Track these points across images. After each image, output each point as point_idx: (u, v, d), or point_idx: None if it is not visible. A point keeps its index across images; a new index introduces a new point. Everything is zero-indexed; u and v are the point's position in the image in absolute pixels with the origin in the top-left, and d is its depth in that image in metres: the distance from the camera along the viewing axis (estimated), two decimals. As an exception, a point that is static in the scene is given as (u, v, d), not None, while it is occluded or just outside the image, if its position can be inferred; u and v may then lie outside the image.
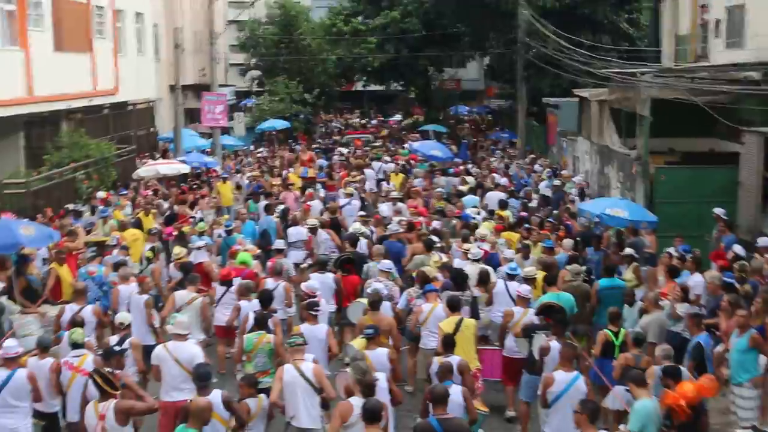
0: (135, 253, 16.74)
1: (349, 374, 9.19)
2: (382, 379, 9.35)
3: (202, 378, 8.98)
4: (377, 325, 10.67)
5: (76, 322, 11.09)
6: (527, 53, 35.34)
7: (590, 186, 24.91)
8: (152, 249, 16.03)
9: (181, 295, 12.91)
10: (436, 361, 10.02)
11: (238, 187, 26.12)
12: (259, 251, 16.52)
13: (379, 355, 10.18)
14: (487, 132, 46.35)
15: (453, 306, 11.72)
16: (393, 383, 9.60)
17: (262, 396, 9.37)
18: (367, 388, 8.67)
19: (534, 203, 22.12)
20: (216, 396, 8.86)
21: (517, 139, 38.17)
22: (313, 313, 11.29)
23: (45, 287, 14.62)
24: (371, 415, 7.98)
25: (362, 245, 16.44)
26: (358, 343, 10.36)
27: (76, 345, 10.27)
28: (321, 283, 13.42)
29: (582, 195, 23.02)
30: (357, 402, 8.59)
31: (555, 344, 10.46)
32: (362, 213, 19.70)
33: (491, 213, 19.64)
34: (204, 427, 8.19)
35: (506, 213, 19.38)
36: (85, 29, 27.21)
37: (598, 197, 22.38)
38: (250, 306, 12.21)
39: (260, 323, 11.08)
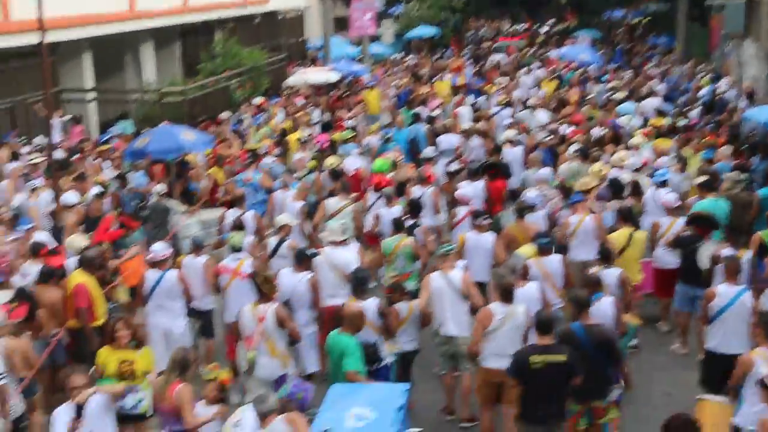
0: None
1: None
2: (534, 288, 9.25)
3: (359, 282, 9.06)
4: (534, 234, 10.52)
5: (237, 226, 11.41)
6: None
7: (757, 93, 23.46)
8: (314, 158, 16.21)
9: (331, 203, 13.06)
10: (592, 272, 9.80)
11: (386, 95, 26.03)
12: (403, 158, 16.47)
13: (553, 261, 10.12)
14: (643, 37, 44.26)
15: (625, 217, 11.44)
16: (544, 292, 9.45)
17: (414, 302, 9.37)
18: (506, 291, 8.55)
19: (695, 111, 21.09)
20: (372, 303, 8.93)
21: (675, 45, 36.31)
22: (479, 222, 11.22)
23: (203, 191, 15.11)
24: (543, 325, 7.82)
25: (511, 152, 16.17)
26: (526, 250, 10.24)
27: (235, 249, 10.50)
28: (473, 190, 13.33)
29: (750, 98, 21.73)
30: (496, 308, 8.51)
31: (727, 252, 9.97)
32: (511, 121, 19.29)
33: (646, 121, 18.85)
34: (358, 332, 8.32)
35: (663, 121, 18.56)
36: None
37: (765, 104, 21.08)
38: (390, 213, 12.26)
39: (398, 227, 11.29)
